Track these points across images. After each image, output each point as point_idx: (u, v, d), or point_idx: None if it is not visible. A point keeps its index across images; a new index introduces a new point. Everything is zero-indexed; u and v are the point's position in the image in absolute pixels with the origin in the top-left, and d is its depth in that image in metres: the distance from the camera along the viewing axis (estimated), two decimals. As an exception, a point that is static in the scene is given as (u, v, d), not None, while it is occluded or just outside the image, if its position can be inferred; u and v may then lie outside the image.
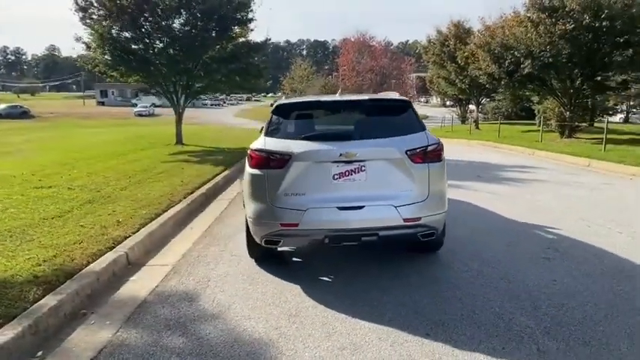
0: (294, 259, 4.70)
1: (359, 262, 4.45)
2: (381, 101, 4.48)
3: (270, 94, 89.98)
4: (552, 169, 11.52)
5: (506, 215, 6.28)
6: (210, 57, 15.62)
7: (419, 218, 3.76)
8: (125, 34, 14.70)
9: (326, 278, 4.12)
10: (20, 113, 47.26)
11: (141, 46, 15.06)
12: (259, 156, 3.87)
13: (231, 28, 15.54)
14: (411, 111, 4.15)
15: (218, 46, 15.71)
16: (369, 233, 3.72)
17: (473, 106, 32.71)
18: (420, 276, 4.07)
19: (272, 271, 4.27)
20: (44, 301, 3.26)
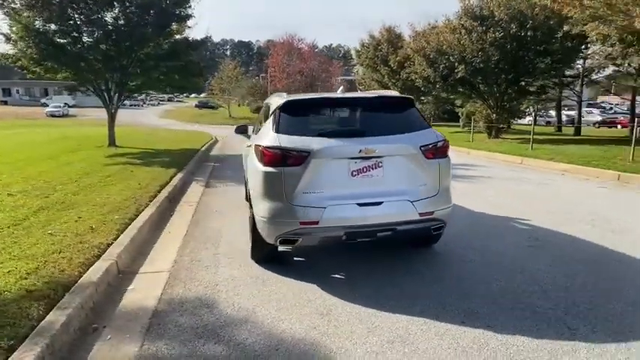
0: (296, 259, 4.59)
1: (363, 260, 4.44)
2: (388, 99, 4.52)
3: (194, 95, 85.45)
4: (491, 166, 12.35)
5: (474, 209, 6.63)
6: (147, 54, 14.77)
7: (432, 212, 3.86)
8: (52, 27, 13.39)
9: (338, 276, 4.08)
10: None
11: (69, 40, 13.82)
12: (274, 153, 3.73)
13: (170, 24, 14.82)
14: (415, 108, 4.25)
15: (152, 44, 14.88)
16: (387, 228, 3.75)
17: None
18: (430, 270, 4.16)
19: (279, 272, 4.14)
20: (51, 317, 2.90)
